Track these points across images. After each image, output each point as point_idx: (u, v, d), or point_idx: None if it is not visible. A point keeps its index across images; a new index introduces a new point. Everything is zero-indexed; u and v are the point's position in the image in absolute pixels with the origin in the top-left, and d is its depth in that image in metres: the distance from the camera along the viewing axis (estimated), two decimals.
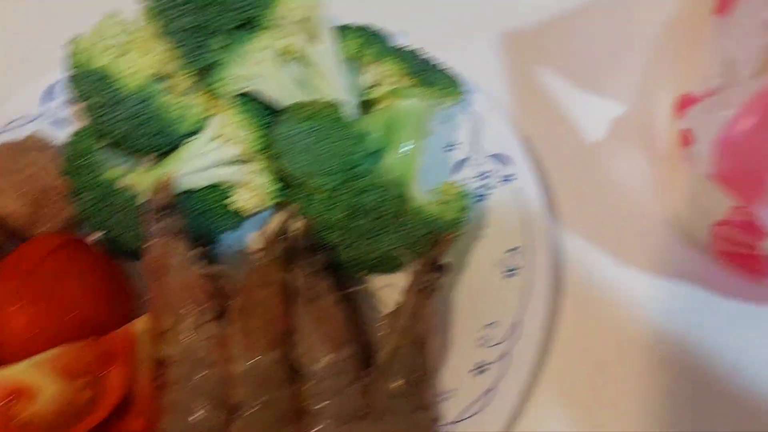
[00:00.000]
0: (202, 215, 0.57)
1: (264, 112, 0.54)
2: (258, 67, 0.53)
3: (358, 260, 0.54)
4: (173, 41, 0.51)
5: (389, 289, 0.57)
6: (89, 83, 0.54)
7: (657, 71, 0.68)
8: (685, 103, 0.60)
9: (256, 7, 0.52)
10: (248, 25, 0.52)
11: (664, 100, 0.66)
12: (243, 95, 0.54)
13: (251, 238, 0.61)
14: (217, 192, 0.57)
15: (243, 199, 0.56)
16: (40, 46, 0.69)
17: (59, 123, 0.67)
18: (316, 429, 0.48)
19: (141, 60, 0.53)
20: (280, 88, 0.54)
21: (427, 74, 0.57)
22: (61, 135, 0.64)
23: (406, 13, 0.71)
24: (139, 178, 0.56)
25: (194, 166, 0.55)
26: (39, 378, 0.47)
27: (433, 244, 0.52)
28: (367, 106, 0.58)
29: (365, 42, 0.57)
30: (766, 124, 0.38)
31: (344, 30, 0.58)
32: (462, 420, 0.50)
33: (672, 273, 0.58)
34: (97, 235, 0.59)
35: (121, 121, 0.54)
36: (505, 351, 0.52)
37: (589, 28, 0.71)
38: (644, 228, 0.60)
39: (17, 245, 0.56)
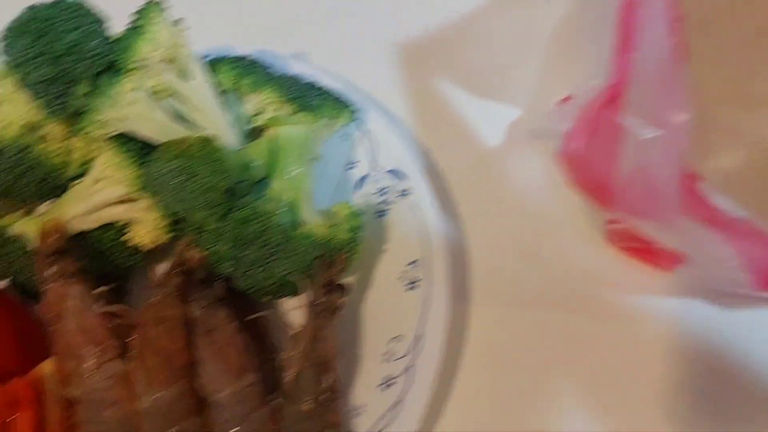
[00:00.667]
0: (102, 255, 0.57)
1: (142, 151, 0.55)
2: (131, 107, 0.53)
3: (256, 287, 0.55)
4: (33, 93, 0.51)
5: (298, 311, 0.58)
6: None
7: (551, 72, 0.70)
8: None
9: (113, 53, 0.52)
10: (112, 69, 0.52)
11: (556, 101, 0.68)
12: (119, 136, 0.54)
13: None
14: (112, 230, 0.57)
15: (139, 236, 0.56)
16: None
17: None
18: None
19: (13, 112, 0.53)
20: (155, 126, 0.54)
21: (307, 99, 0.58)
22: None
23: (301, 34, 0.72)
24: (29, 225, 0.56)
25: (83, 208, 0.55)
26: None
27: (325, 266, 0.53)
28: (254, 134, 0.59)
29: (240, 73, 0.57)
30: (593, 141, 0.40)
31: (218, 63, 0.58)
32: None
33: (577, 271, 0.59)
34: (3, 281, 0.59)
35: (2, 172, 0.54)
36: (409, 364, 0.54)
37: (485, 33, 0.71)
38: (546, 228, 0.62)
39: None
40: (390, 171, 0.62)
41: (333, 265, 0.53)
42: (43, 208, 0.58)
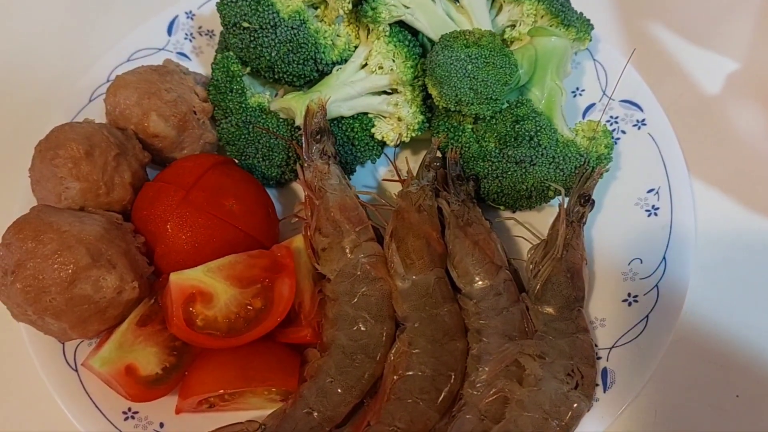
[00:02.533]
0: (347, 143, 0.58)
1: (414, 43, 0.55)
2: None
3: (506, 192, 0.54)
4: None
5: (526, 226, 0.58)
6: (245, 6, 0.54)
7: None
8: None
9: None
10: None
11: None
12: (392, 26, 0.54)
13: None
14: (363, 121, 0.57)
15: (388, 129, 0.57)
16: None
17: (183, 55, 0.68)
18: (482, 343, 0.48)
19: None
20: (433, 17, 0.54)
21: (566, 14, 0.58)
22: (186, 65, 0.65)
23: None
24: (291, 102, 0.56)
25: (343, 94, 0.56)
26: (215, 283, 0.48)
27: (585, 176, 0.53)
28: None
29: None
30: None
31: None
32: (617, 346, 0.51)
33: None
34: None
35: (275, 45, 0.54)
36: (652, 285, 0.53)
37: None
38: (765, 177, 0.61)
39: (157, 170, 0.57)
40: (624, 101, 0.61)
41: (591, 177, 0.53)
42: (287, 91, 0.59)
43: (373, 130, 0.58)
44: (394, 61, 0.54)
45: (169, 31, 0.69)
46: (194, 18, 0.69)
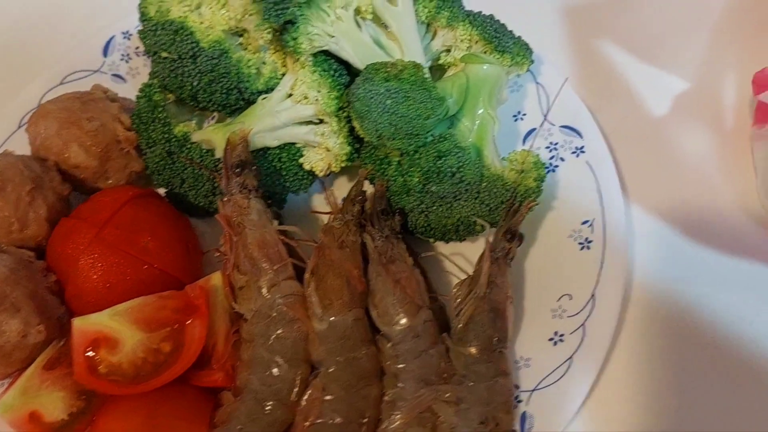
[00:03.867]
0: (274, 174, 0.56)
1: (340, 72, 0.53)
2: (336, 25, 0.52)
3: (432, 225, 0.53)
4: None
5: (457, 258, 0.57)
6: (164, 36, 0.53)
7: (724, 47, 0.67)
8: (762, 79, 0.59)
9: None
10: None
11: (732, 77, 0.66)
12: (320, 54, 0.53)
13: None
14: (291, 151, 0.56)
15: (317, 159, 0.55)
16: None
17: (118, 77, 0.66)
18: (397, 388, 0.47)
19: (216, 14, 0.52)
20: (357, 47, 0.53)
21: (503, 39, 0.56)
22: (121, 89, 0.64)
23: None
24: (212, 134, 0.55)
25: (268, 124, 0.54)
26: (120, 327, 0.46)
27: (512, 211, 0.51)
28: (435, 71, 0.57)
29: (438, 5, 0.56)
30: None
31: None
32: (539, 389, 0.49)
33: (744, 253, 0.57)
34: (162, 191, 0.58)
35: (196, 75, 0.53)
36: (580, 323, 0.52)
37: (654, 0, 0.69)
38: (713, 207, 0.60)
39: (84, 199, 0.56)
40: (564, 127, 0.60)
41: (519, 211, 0.52)
42: (216, 119, 0.57)
43: (301, 160, 0.56)
44: (318, 91, 0.53)
45: (105, 52, 0.67)
46: (131, 38, 0.67)
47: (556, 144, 0.60)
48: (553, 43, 0.68)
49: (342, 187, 0.61)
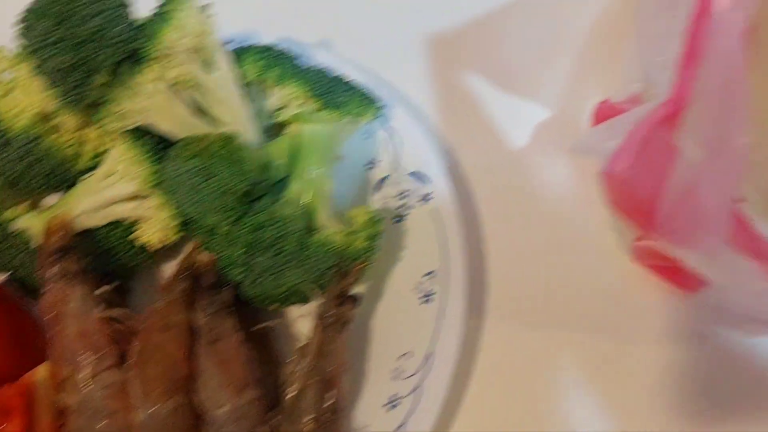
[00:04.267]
0: (107, 253, 0.55)
1: (158, 146, 0.52)
2: (150, 99, 0.50)
3: (265, 295, 0.52)
4: (49, 81, 0.48)
5: (306, 320, 0.55)
6: None
7: (582, 75, 0.66)
8: (602, 111, 0.58)
9: (138, 40, 0.49)
10: (133, 57, 0.49)
11: (588, 105, 0.65)
12: (136, 130, 0.51)
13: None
14: (119, 228, 0.55)
15: (147, 235, 0.54)
16: None
17: None
18: None
19: (25, 99, 0.51)
20: (175, 120, 0.51)
21: (334, 95, 0.55)
22: None
23: (327, 22, 0.68)
24: (34, 220, 0.53)
25: (91, 204, 0.53)
26: None
27: (339, 276, 0.50)
28: (275, 129, 0.56)
29: (266, 64, 0.54)
30: (640, 162, 0.36)
31: (243, 53, 0.55)
32: None
33: (598, 288, 0.56)
34: (3, 276, 0.57)
35: (10, 162, 0.52)
36: (417, 384, 0.50)
37: (513, 30, 0.68)
38: (570, 240, 0.59)
39: None
40: (412, 173, 0.59)
41: (347, 275, 0.50)
42: (49, 201, 0.55)
43: (132, 237, 0.55)
44: (138, 167, 0.52)
45: None
46: None
47: (407, 192, 0.58)
48: (413, 79, 0.67)
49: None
